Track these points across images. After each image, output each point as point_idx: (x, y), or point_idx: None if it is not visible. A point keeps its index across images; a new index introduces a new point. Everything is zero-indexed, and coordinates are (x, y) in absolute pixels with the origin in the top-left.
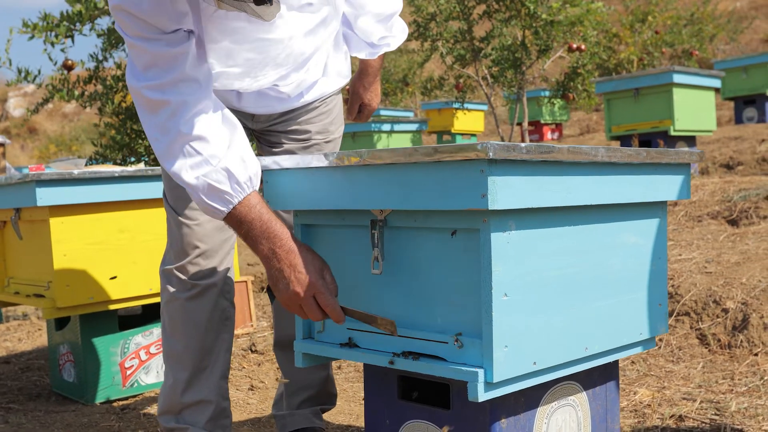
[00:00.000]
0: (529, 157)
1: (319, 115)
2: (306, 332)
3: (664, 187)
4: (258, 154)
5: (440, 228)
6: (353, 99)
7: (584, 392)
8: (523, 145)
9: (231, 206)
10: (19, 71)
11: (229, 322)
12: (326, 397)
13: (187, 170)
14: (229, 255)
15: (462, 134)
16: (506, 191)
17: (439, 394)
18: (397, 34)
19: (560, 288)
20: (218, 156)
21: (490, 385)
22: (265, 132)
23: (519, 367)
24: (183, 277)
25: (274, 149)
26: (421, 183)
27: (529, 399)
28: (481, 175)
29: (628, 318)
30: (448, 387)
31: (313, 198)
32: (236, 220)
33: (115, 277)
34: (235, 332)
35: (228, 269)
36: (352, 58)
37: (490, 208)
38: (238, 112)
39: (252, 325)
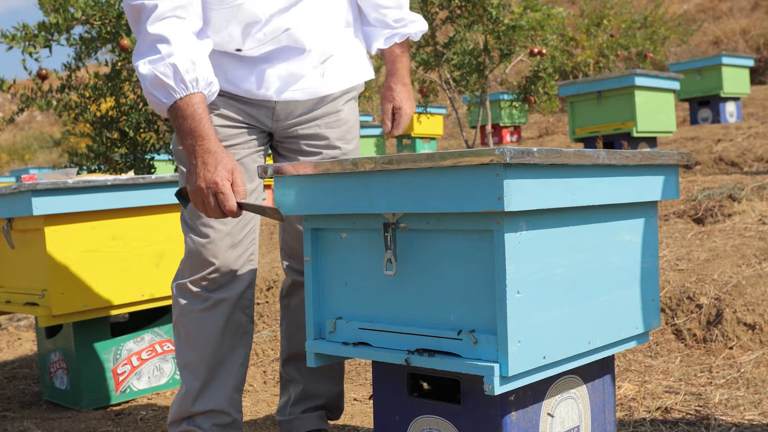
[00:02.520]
0: (540, 161)
1: (337, 121)
2: (317, 333)
3: (655, 187)
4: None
5: (453, 230)
6: (385, 106)
7: (584, 385)
8: (535, 149)
9: (173, 100)
10: None
11: (246, 336)
12: (334, 407)
13: (144, 63)
14: (245, 271)
15: (422, 138)
16: (520, 194)
17: (446, 389)
18: (414, 19)
19: (567, 285)
20: (172, 54)
21: (505, 378)
22: (284, 139)
23: (531, 362)
24: (196, 290)
25: (290, 159)
26: (438, 187)
27: (536, 392)
28: (497, 179)
29: (626, 313)
30: (458, 383)
31: (325, 203)
32: (174, 114)
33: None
34: None
35: (247, 285)
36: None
37: (505, 210)
38: (257, 108)
39: None
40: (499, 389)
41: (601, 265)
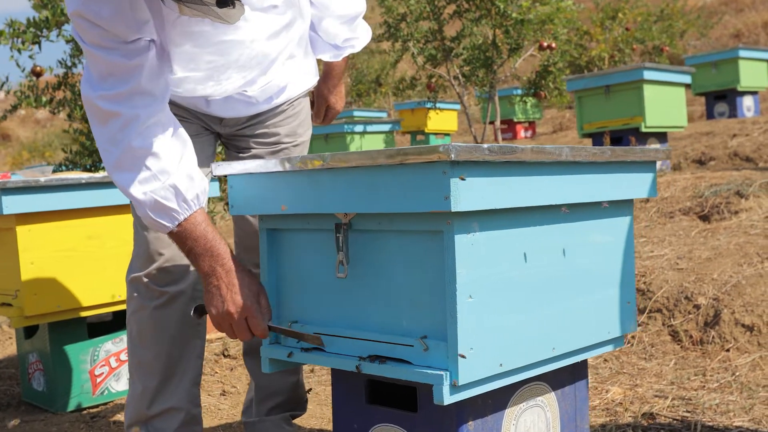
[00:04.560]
0: (492, 158)
1: (287, 118)
2: (273, 338)
3: (630, 185)
4: (224, 160)
5: (405, 231)
6: (319, 102)
7: (553, 392)
8: (485, 146)
9: (177, 222)
10: None
11: (201, 327)
12: (296, 402)
13: (135, 185)
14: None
15: (435, 134)
16: (469, 193)
17: (407, 397)
18: (361, 36)
19: (527, 288)
20: (167, 172)
21: (455, 387)
22: (233, 137)
23: (485, 369)
24: (150, 284)
25: (241, 154)
26: (385, 186)
27: (497, 401)
28: (443, 177)
29: (597, 317)
30: (416, 390)
31: (278, 202)
32: (181, 237)
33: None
34: (209, 337)
35: (198, 275)
36: (316, 60)
37: (452, 210)
38: (206, 116)
39: None
40: (449, 399)
41: (567, 267)
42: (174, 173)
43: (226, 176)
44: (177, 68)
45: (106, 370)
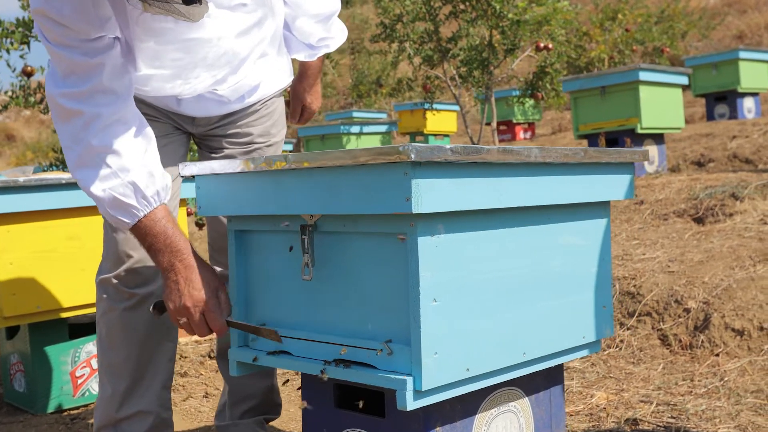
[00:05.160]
0: (455, 159)
1: (261, 118)
2: (241, 340)
3: (605, 187)
4: (197, 160)
5: (369, 232)
6: (295, 102)
7: (526, 398)
8: (448, 146)
9: (136, 219)
10: None
11: (173, 330)
12: (270, 406)
13: (95, 183)
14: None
15: (435, 135)
16: (432, 194)
17: (377, 401)
18: (336, 35)
19: (495, 292)
20: (127, 169)
21: (419, 393)
22: (206, 137)
23: (451, 374)
24: (120, 286)
25: (214, 155)
26: (348, 187)
27: (467, 405)
28: (404, 178)
29: (571, 321)
30: (384, 395)
31: (244, 203)
32: (141, 233)
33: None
34: (195, 338)
35: None
36: (292, 59)
37: (414, 212)
38: (178, 116)
39: None
40: (412, 404)
41: (538, 271)
42: (134, 170)
43: (193, 176)
44: (142, 65)
45: (87, 371)
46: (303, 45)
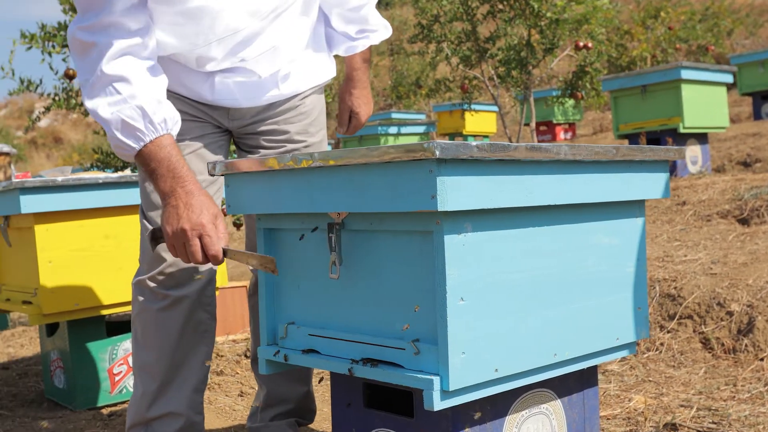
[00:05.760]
0: (481, 156)
1: (298, 115)
2: (271, 339)
3: (639, 185)
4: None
5: (395, 231)
6: (342, 108)
7: (558, 400)
8: (474, 143)
9: (142, 143)
10: (21, 81)
11: (208, 334)
12: (304, 412)
13: (104, 107)
14: (205, 267)
15: (474, 136)
16: (458, 192)
17: (406, 401)
18: (377, 28)
19: (525, 291)
20: (135, 95)
21: (446, 393)
22: (244, 136)
23: (479, 375)
24: (154, 287)
25: (252, 153)
26: (374, 185)
27: (497, 407)
28: (430, 176)
29: (604, 322)
30: (412, 395)
31: (272, 201)
32: (146, 158)
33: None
34: (233, 337)
35: (207, 281)
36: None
37: (440, 210)
38: (213, 110)
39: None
40: (439, 405)
41: (570, 270)
42: (142, 97)
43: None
44: (157, 29)
45: (124, 368)
46: (342, 38)
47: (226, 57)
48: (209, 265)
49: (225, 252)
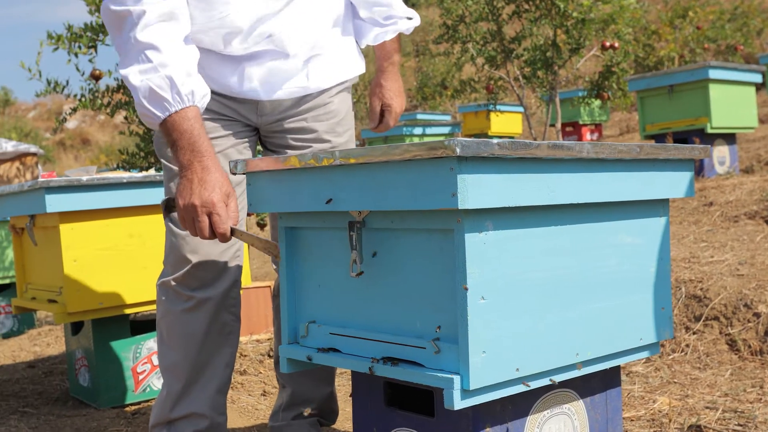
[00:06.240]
0: (502, 154)
1: (327, 113)
2: (292, 337)
3: (663, 184)
4: None
5: (416, 229)
6: (373, 103)
7: (581, 400)
8: (495, 141)
9: (168, 113)
10: (48, 82)
11: (232, 336)
12: (327, 413)
13: (135, 74)
14: (230, 268)
15: (500, 136)
16: (479, 190)
17: (428, 400)
18: (407, 15)
19: (547, 290)
20: (166, 64)
21: (467, 392)
22: (271, 134)
23: (499, 374)
24: (178, 288)
25: (279, 152)
26: (395, 183)
27: (518, 406)
28: (450, 174)
29: (627, 322)
30: (433, 394)
31: (292, 200)
32: (169, 128)
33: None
34: (256, 337)
35: (232, 283)
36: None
37: (460, 208)
38: (241, 105)
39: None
40: (459, 404)
41: (592, 270)
42: (172, 66)
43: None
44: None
45: (148, 367)
46: (370, 26)
47: (252, 29)
48: (234, 268)
49: (232, 231)
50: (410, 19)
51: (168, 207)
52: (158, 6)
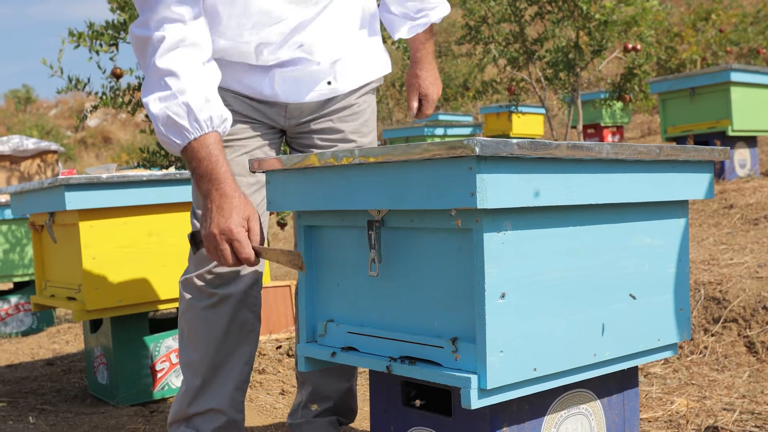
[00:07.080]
0: (521, 154)
1: (353, 114)
2: (311, 335)
3: (682, 185)
4: None
5: (435, 228)
6: (410, 92)
7: (598, 401)
8: (515, 141)
9: (187, 141)
10: (70, 79)
11: (252, 334)
12: (345, 411)
13: (155, 101)
14: (253, 267)
15: (521, 138)
16: (498, 189)
17: (445, 400)
18: (437, 5)
19: (565, 291)
20: (184, 91)
21: (484, 391)
22: (297, 135)
23: (517, 374)
24: (200, 285)
25: (306, 153)
26: (414, 182)
27: (535, 406)
28: (469, 173)
29: (645, 323)
30: (450, 393)
31: (312, 199)
32: (189, 156)
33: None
34: (276, 336)
35: (253, 281)
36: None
37: (479, 207)
38: (269, 108)
39: (293, 330)
40: (477, 403)
41: (610, 270)
42: (190, 93)
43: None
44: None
45: (167, 365)
46: (402, 20)
47: (285, 41)
48: (255, 267)
49: (257, 253)
50: (441, 5)
51: (194, 241)
52: (178, 32)
